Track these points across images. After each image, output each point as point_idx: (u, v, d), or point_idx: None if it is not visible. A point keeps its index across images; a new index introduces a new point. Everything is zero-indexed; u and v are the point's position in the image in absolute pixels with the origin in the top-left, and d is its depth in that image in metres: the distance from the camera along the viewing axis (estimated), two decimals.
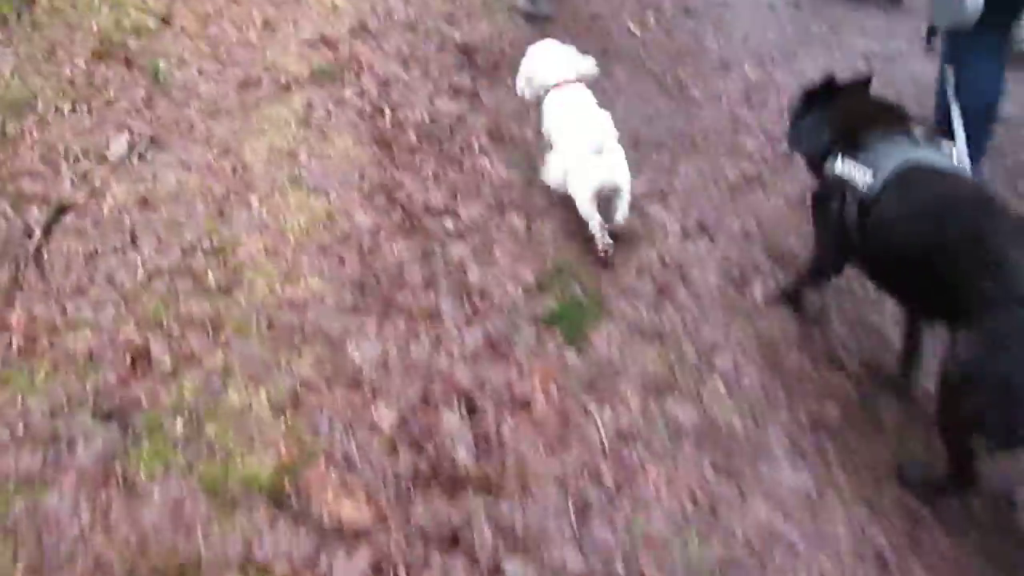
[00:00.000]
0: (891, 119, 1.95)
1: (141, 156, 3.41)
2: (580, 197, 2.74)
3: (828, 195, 1.98)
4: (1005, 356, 1.48)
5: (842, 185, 1.88)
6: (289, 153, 3.39)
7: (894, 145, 1.83)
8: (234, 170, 3.30)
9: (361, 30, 4.54)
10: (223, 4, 4.82)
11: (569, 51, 3.12)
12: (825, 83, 2.15)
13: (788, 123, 2.31)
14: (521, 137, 3.57)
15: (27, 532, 1.78)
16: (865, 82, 2.11)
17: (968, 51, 2.66)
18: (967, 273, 1.52)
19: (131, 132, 3.56)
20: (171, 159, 3.39)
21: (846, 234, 1.90)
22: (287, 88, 3.88)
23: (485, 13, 4.70)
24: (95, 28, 4.46)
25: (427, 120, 3.63)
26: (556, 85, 2.96)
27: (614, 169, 2.69)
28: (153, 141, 3.50)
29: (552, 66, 3.04)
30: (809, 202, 2.19)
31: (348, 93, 3.88)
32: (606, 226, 2.74)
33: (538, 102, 3.10)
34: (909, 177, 1.74)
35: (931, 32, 4.23)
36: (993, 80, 2.74)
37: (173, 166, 3.34)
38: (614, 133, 2.77)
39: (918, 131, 1.96)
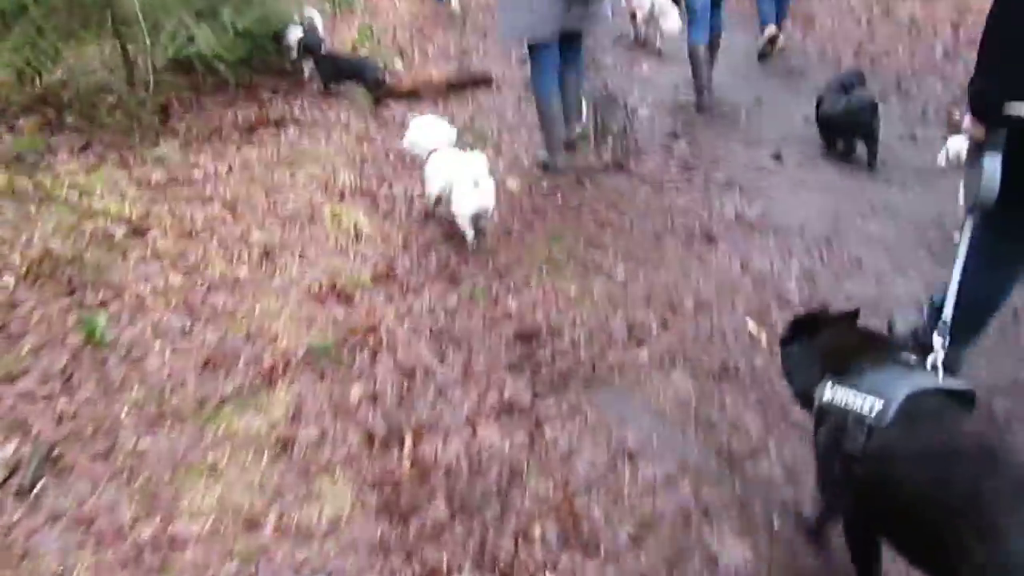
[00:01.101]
0: (884, 347, 1.91)
1: (20, 492, 2.20)
2: (461, 216, 3.58)
3: (823, 426, 1.85)
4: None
5: (840, 414, 1.74)
6: (248, 521, 2.18)
7: (896, 373, 1.74)
8: (154, 546, 2.08)
9: (386, 277, 3.47)
10: (215, 215, 3.77)
11: (442, 123, 4.04)
12: (812, 315, 2.11)
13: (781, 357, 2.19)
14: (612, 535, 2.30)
15: None
16: (854, 314, 2.04)
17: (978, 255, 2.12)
18: (958, 530, 1.45)
19: (25, 436, 2.38)
20: (66, 502, 2.18)
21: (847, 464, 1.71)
22: (269, 378, 2.73)
23: (556, 271, 3.65)
24: (44, 230, 3.40)
25: (465, 466, 2.44)
26: (434, 149, 3.86)
27: (486, 197, 3.55)
28: (51, 460, 2.31)
29: (431, 136, 3.93)
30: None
31: (354, 393, 2.73)
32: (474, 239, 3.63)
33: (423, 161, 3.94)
34: (918, 409, 1.65)
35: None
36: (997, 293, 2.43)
37: (64, 519, 2.12)
38: (487, 171, 3.57)
39: (910, 358, 1.84)
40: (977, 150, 2.09)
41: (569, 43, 4.50)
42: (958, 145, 3.78)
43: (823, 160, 4.85)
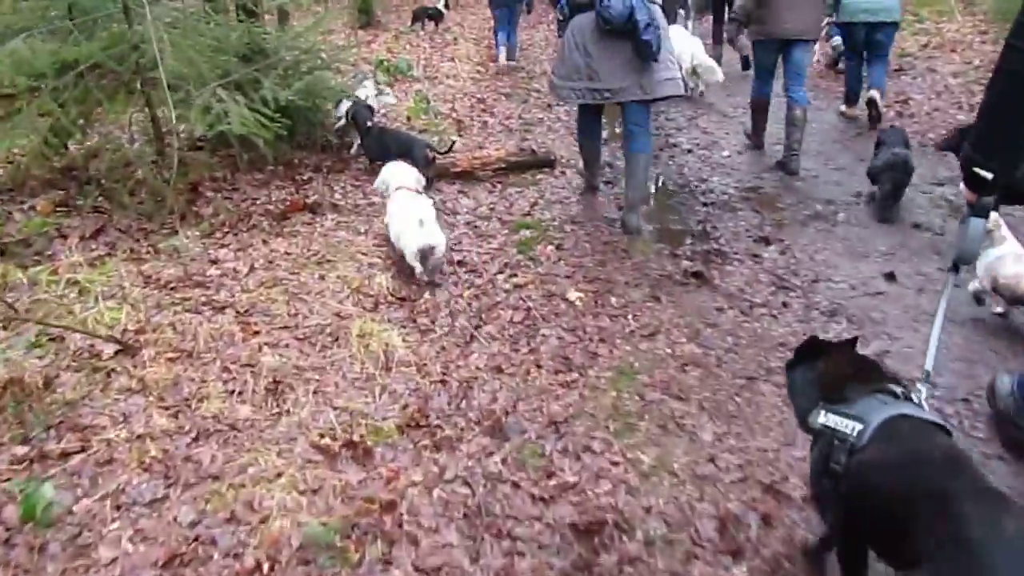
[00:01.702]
0: (873, 377, 2.04)
1: None
2: (408, 253, 3.77)
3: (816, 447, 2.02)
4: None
5: (829, 436, 1.91)
6: None
7: (879, 401, 1.91)
8: None
9: (416, 424, 2.82)
10: (224, 328, 3.21)
11: (405, 167, 4.35)
12: (813, 342, 2.24)
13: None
14: None
15: None
16: (852, 342, 2.16)
17: None
18: (926, 522, 1.61)
19: None
20: None
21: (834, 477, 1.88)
22: None
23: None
24: (21, 342, 2.88)
25: None
26: (398, 188, 4.12)
27: (431, 235, 3.74)
28: None
29: (397, 176, 4.22)
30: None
31: None
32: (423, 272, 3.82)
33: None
34: (892, 430, 1.82)
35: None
36: None
37: None
38: (433, 213, 3.85)
39: (898, 389, 1.97)
40: (969, 212, 2.19)
41: (631, 113, 4.36)
42: None
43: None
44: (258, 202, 4.59)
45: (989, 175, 2.06)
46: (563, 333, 3.45)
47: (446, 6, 12.27)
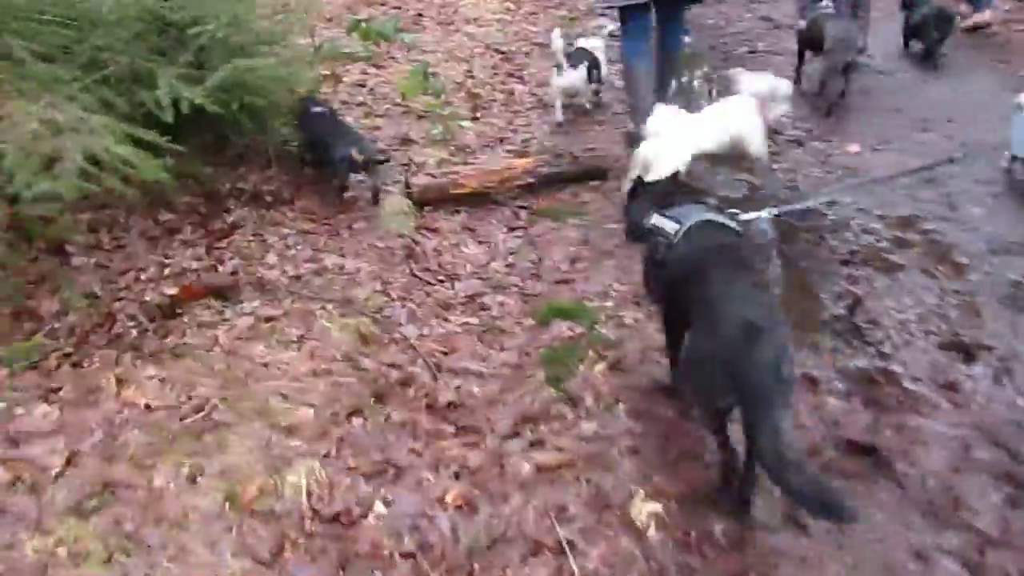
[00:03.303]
0: (697, 193, 2.64)
1: None
2: None
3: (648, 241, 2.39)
4: (697, 345, 2.09)
5: (657, 234, 2.30)
6: None
7: (696, 209, 2.32)
8: None
9: None
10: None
11: None
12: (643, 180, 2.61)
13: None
14: None
15: None
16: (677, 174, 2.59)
17: None
18: (696, 290, 2.07)
19: None
20: None
21: (658, 266, 2.30)
22: None
23: None
24: None
25: None
26: None
27: None
28: None
29: None
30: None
31: None
32: None
33: None
34: (697, 230, 2.22)
35: None
36: None
37: None
38: None
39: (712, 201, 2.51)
40: None
41: (666, 13, 4.25)
42: None
43: None
44: (141, 279, 2.93)
45: None
46: None
47: None
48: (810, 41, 4.99)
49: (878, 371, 2.63)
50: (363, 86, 5.03)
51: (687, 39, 5.11)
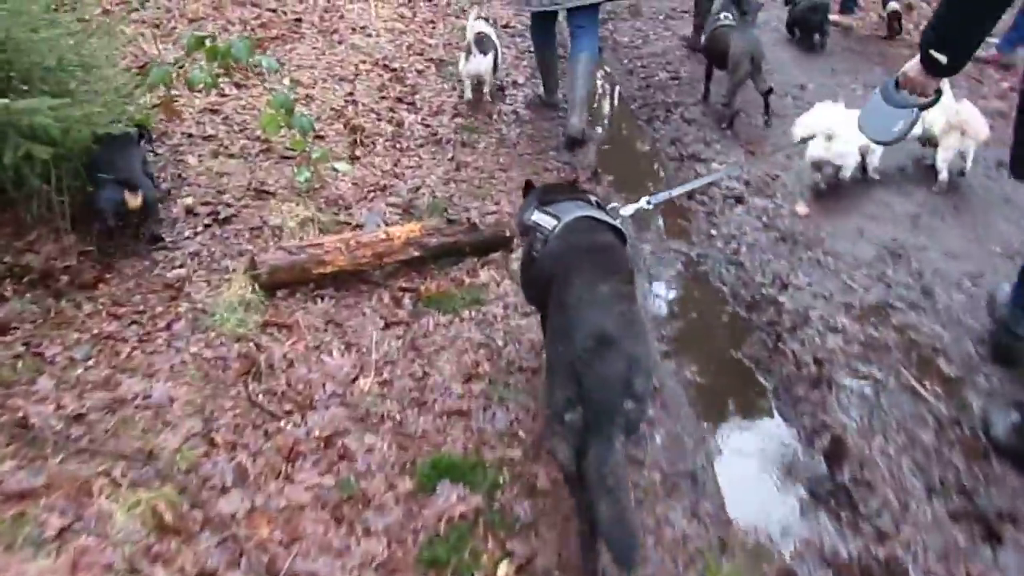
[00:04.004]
0: (574, 191, 2.54)
1: None
2: None
3: (527, 236, 2.36)
4: (549, 350, 2.00)
5: (536, 229, 2.25)
6: None
7: (576, 205, 2.28)
8: None
9: None
10: None
11: None
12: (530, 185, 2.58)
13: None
14: None
15: None
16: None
17: None
18: (556, 290, 1.97)
19: None
20: None
21: (533, 260, 2.24)
22: None
23: None
24: None
25: None
26: None
27: None
28: None
29: None
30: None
31: None
32: None
33: None
34: (572, 226, 2.18)
35: None
36: None
37: None
38: None
39: (593, 198, 2.40)
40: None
41: (578, 16, 4.23)
42: None
43: None
44: None
45: (944, 59, 2.00)
46: None
47: None
48: (713, 56, 4.70)
49: (877, 561, 1.99)
50: (216, 112, 4.10)
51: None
